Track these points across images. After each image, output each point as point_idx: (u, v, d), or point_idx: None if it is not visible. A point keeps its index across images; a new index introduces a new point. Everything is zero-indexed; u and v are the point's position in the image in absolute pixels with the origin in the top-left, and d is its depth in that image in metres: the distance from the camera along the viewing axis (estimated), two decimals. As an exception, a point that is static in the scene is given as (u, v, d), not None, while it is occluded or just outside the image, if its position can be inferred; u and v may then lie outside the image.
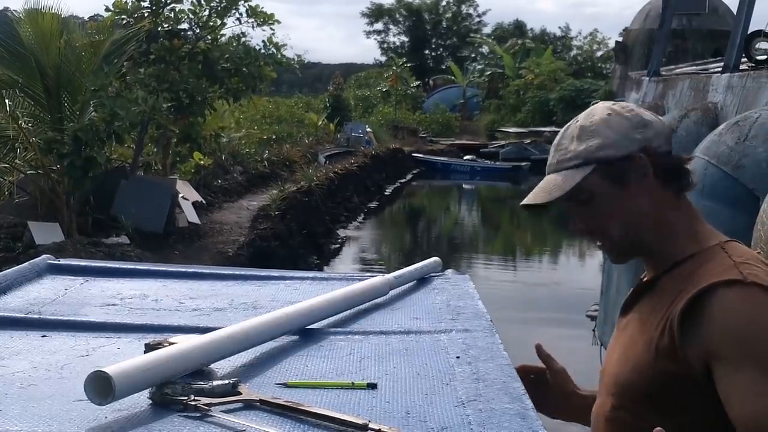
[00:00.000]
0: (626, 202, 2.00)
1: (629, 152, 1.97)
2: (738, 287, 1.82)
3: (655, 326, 1.94)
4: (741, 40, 11.37)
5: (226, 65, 16.99)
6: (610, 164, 1.98)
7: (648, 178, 1.98)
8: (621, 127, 1.99)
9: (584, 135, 2.01)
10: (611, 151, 1.97)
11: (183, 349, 1.77)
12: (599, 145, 1.98)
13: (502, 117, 53.50)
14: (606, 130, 1.99)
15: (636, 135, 1.98)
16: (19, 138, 13.45)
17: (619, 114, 2.01)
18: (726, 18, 28.97)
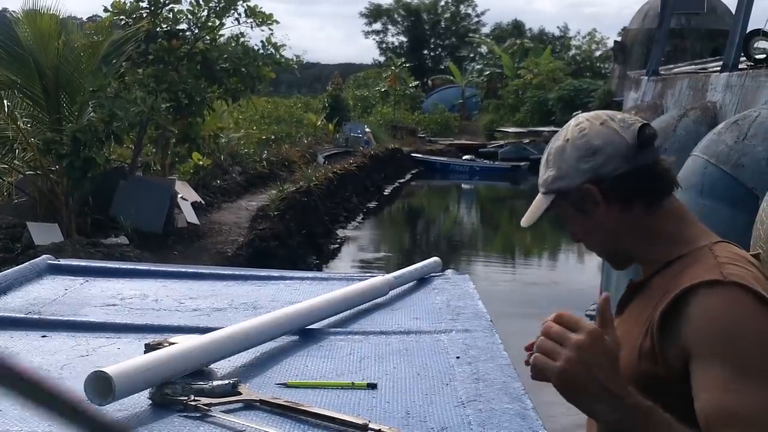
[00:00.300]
0: (593, 225, 2.03)
1: (577, 184, 1.99)
2: (718, 287, 1.82)
3: (640, 327, 1.94)
4: (740, 39, 11.38)
5: (225, 65, 16.98)
6: (566, 194, 2.02)
7: (602, 207, 1.99)
8: (570, 158, 2.01)
9: (548, 163, 2.07)
10: (562, 183, 2.02)
11: (183, 350, 1.77)
12: (554, 177, 2.04)
13: (500, 117, 53.48)
14: (559, 161, 2.03)
15: (583, 165, 1.99)
16: (18, 139, 13.44)
17: (573, 142, 2.02)
18: (724, 17, 29.00)
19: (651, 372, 1.88)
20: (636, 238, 2.02)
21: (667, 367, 1.85)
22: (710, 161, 7.17)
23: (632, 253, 2.06)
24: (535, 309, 13.99)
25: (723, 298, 1.81)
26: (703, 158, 7.27)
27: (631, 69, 26.46)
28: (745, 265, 1.89)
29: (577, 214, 2.03)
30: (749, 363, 1.76)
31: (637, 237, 2.02)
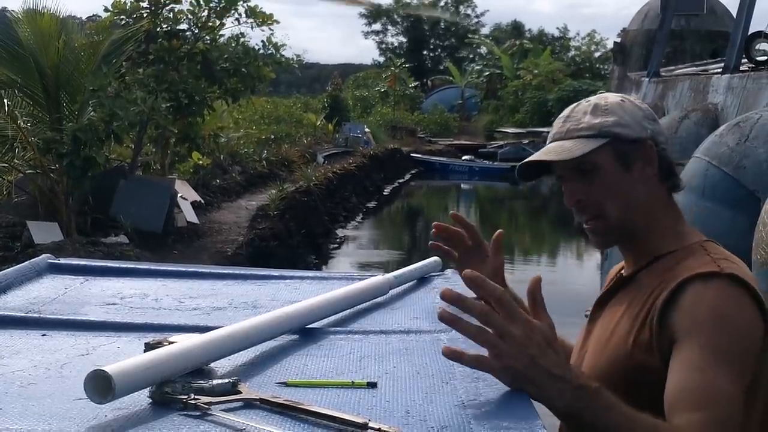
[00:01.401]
0: (627, 185, 2.02)
1: (641, 137, 2.01)
2: (715, 279, 1.85)
3: (633, 319, 1.96)
4: (741, 41, 11.40)
5: (225, 65, 16.99)
6: (622, 143, 2.00)
7: (651, 168, 2.02)
8: (635, 113, 2.03)
9: (599, 111, 2.04)
10: (626, 131, 2.00)
11: (183, 348, 1.77)
12: (615, 122, 2.01)
13: (500, 117, 53.57)
14: (621, 112, 2.02)
15: (647, 124, 2.02)
16: (18, 138, 13.45)
17: (632, 102, 2.06)
18: (724, 19, 29.02)
19: (645, 363, 1.90)
20: (648, 218, 2.05)
21: (662, 357, 1.87)
22: (712, 163, 7.18)
23: (638, 232, 2.06)
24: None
25: (717, 288, 1.84)
26: (704, 160, 7.28)
27: (630, 70, 26.49)
28: (738, 262, 1.94)
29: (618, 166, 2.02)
30: (724, 350, 1.77)
31: (649, 216, 2.05)
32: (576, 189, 2.07)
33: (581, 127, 2.03)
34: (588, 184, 2.04)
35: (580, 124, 2.03)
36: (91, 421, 1.55)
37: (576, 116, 2.06)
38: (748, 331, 1.82)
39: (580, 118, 2.04)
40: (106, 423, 1.55)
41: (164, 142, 17.64)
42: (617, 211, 2.03)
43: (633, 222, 2.05)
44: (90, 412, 1.58)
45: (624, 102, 2.05)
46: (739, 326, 1.81)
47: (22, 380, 1.79)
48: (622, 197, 2.03)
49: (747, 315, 1.83)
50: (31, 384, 1.77)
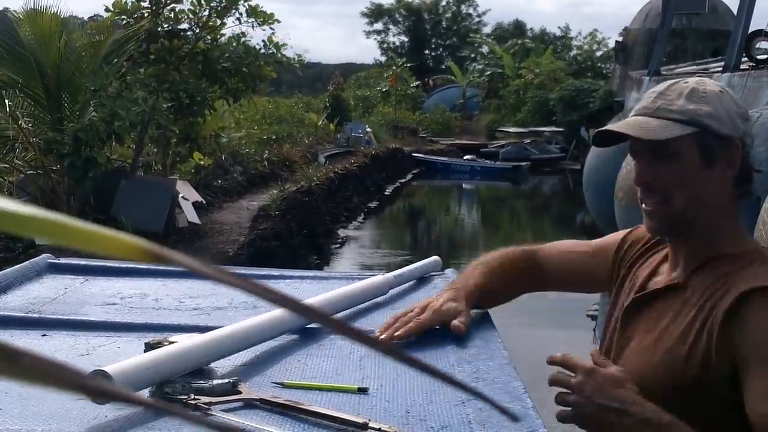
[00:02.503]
0: (703, 180, 1.93)
1: (731, 134, 1.92)
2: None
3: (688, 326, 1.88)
4: (741, 40, 11.39)
5: (226, 65, 16.98)
6: (711, 136, 1.91)
7: (732, 169, 1.93)
8: (730, 108, 1.94)
9: (695, 97, 1.93)
10: (717, 124, 1.91)
11: (183, 348, 1.77)
12: (709, 112, 1.91)
13: (502, 117, 53.54)
14: (718, 104, 1.93)
15: (739, 122, 1.93)
16: (19, 138, 13.46)
17: (730, 96, 1.97)
18: (725, 17, 29.01)
19: (698, 378, 1.83)
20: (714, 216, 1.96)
21: (719, 373, 1.80)
22: (711, 161, 7.17)
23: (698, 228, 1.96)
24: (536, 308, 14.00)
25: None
26: (704, 158, 7.27)
27: (632, 69, 26.48)
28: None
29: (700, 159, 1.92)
30: None
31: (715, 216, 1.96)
32: (648, 170, 1.97)
33: (673, 108, 1.93)
34: (663, 168, 1.95)
35: (672, 105, 1.94)
36: (91, 422, 1.55)
37: (670, 95, 1.95)
38: None
39: (674, 99, 1.94)
40: (106, 423, 1.55)
41: (165, 142, 17.64)
42: (683, 204, 1.94)
43: (696, 218, 1.95)
44: (90, 413, 1.58)
45: (723, 94, 1.94)
46: None
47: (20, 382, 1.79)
48: (694, 191, 1.94)
49: None
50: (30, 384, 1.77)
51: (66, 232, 0.50)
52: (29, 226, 0.51)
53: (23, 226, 0.51)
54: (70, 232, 0.50)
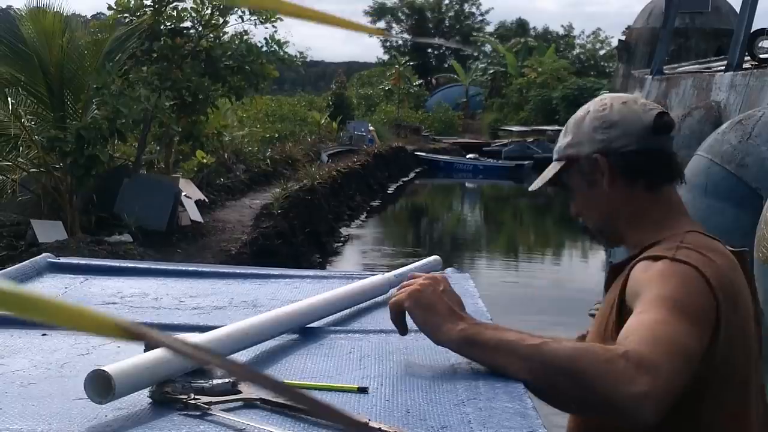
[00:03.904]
0: (596, 196, 2.13)
1: (588, 152, 2.10)
2: (662, 259, 1.89)
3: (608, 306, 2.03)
4: (744, 39, 11.38)
5: (229, 63, 16.99)
6: (577, 162, 2.13)
7: (607, 178, 2.09)
8: (587, 128, 2.12)
9: (566, 131, 2.18)
10: (575, 150, 2.13)
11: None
12: (569, 143, 2.16)
13: (504, 115, 53.55)
14: (576, 129, 2.15)
15: (598, 136, 2.09)
16: (22, 136, 13.45)
17: (592, 113, 2.13)
18: (729, 16, 28.94)
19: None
20: (629, 217, 2.11)
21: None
22: (714, 161, 7.16)
23: (622, 233, 2.15)
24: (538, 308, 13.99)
25: (662, 263, 1.89)
26: (707, 158, 7.26)
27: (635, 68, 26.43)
28: (707, 253, 1.93)
29: (583, 183, 2.14)
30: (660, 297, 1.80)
31: (630, 217, 2.11)
32: (572, 204, 2.24)
33: (555, 149, 2.22)
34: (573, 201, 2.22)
35: (557, 145, 2.22)
36: (92, 421, 1.55)
37: (561, 134, 2.22)
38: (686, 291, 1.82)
39: (560, 138, 2.21)
40: (106, 423, 1.55)
41: (168, 140, 17.65)
42: (593, 221, 2.20)
43: (611, 227, 2.17)
44: (90, 412, 1.58)
45: (586, 115, 2.15)
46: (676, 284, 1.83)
47: (22, 380, 1.79)
48: (594, 209, 2.17)
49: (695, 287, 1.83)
50: (31, 384, 1.77)
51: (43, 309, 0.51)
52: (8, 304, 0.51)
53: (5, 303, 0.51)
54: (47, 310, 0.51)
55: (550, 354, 1.72)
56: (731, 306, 1.87)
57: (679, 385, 1.71)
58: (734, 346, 1.90)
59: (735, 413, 1.96)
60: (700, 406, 1.90)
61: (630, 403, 1.63)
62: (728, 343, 1.87)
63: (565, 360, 1.70)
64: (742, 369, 1.95)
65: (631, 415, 1.64)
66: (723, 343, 1.85)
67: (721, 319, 1.84)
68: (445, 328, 1.84)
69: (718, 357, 1.85)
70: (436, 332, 1.86)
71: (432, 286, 1.90)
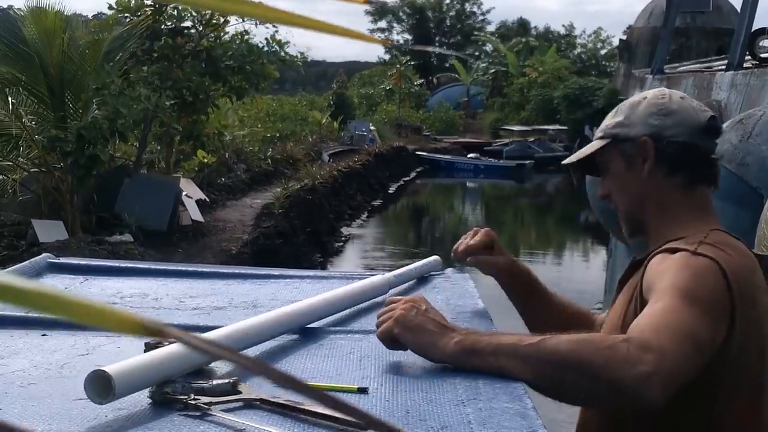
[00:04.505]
0: (631, 181, 2.12)
1: (637, 135, 2.09)
2: (681, 252, 1.90)
3: (626, 299, 2.03)
4: (745, 38, 11.38)
5: (230, 63, 16.99)
6: (622, 142, 2.12)
7: (649, 163, 2.09)
8: (643, 111, 2.11)
9: (617, 112, 2.18)
10: (624, 130, 2.12)
11: (183, 348, 1.77)
12: (618, 122, 2.14)
13: (505, 115, 53.51)
14: (630, 111, 2.14)
15: (652, 121, 2.09)
16: (23, 136, 13.45)
17: (650, 100, 2.13)
18: (730, 16, 28.96)
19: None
20: (660, 208, 2.11)
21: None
22: (715, 160, 7.15)
23: (648, 222, 2.14)
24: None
25: (680, 256, 1.89)
26: (707, 157, 7.25)
27: (636, 67, 26.45)
28: (729, 250, 1.93)
29: (622, 164, 2.14)
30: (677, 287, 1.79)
31: (660, 207, 2.11)
32: (601, 185, 2.23)
33: (601, 127, 2.20)
34: (606, 181, 2.21)
35: (603, 124, 2.20)
36: (92, 422, 1.55)
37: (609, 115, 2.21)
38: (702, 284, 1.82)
39: (607, 118, 2.20)
40: (106, 423, 1.55)
41: (169, 140, 17.66)
42: (624, 205, 2.17)
43: (639, 215, 2.15)
44: (90, 413, 1.58)
45: (642, 100, 2.14)
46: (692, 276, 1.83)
47: (22, 380, 1.79)
48: (627, 193, 2.15)
49: (711, 279, 1.83)
50: (31, 384, 1.77)
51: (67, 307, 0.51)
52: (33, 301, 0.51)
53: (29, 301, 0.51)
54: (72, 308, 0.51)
55: (551, 350, 1.72)
56: (749, 303, 1.86)
57: (688, 369, 1.71)
58: (749, 344, 1.88)
59: (747, 413, 1.95)
60: (713, 405, 1.90)
61: (635, 383, 1.63)
62: (743, 340, 1.86)
63: (566, 353, 1.70)
64: (755, 369, 1.94)
65: (637, 396, 1.64)
66: (738, 340, 1.84)
67: (737, 314, 1.83)
68: (441, 344, 1.84)
69: (731, 353, 1.84)
70: (432, 351, 1.85)
71: (414, 308, 1.90)
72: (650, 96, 2.14)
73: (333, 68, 73.53)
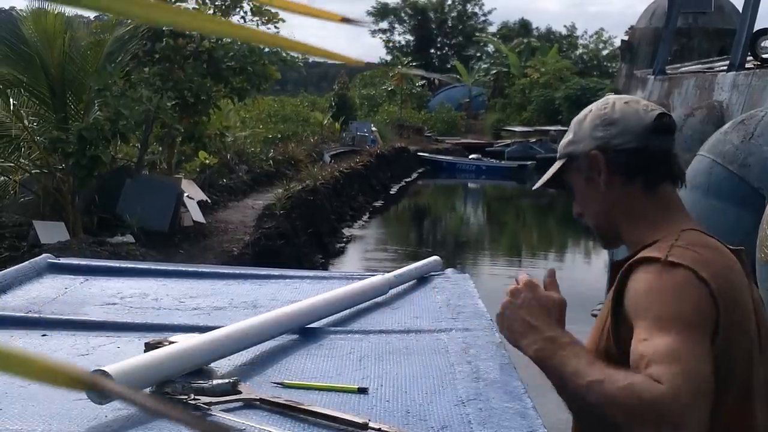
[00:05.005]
0: (593, 196, 2.13)
1: (586, 150, 2.10)
2: (653, 264, 1.89)
3: (606, 308, 2.02)
4: (746, 39, 11.36)
5: (231, 64, 16.98)
6: (576, 159, 2.14)
7: (604, 176, 2.09)
8: (587, 126, 2.14)
9: (569, 130, 2.20)
10: (574, 147, 2.14)
11: (183, 348, 1.77)
12: (569, 140, 2.17)
13: (507, 116, 53.49)
14: (577, 127, 2.17)
15: (597, 133, 2.10)
16: (24, 137, 13.44)
17: (594, 112, 2.15)
18: (732, 16, 28.89)
19: (608, 349, 1.94)
20: (627, 215, 2.11)
21: (618, 344, 1.91)
22: (716, 161, 7.15)
23: (620, 231, 2.15)
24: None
25: (653, 271, 1.88)
26: (709, 158, 7.25)
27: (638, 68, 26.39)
28: (702, 251, 1.94)
29: (581, 181, 2.15)
30: (664, 316, 1.80)
31: (628, 215, 2.11)
32: (575, 203, 2.23)
33: (558, 147, 2.21)
34: (575, 200, 2.22)
35: (560, 143, 2.21)
36: (92, 422, 1.55)
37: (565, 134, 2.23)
38: (686, 300, 1.82)
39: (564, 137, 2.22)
40: (106, 423, 1.55)
41: (170, 141, 17.65)
42: (592, 220, 2.18)
43: (610, 226, 2.16)
44: (90, 413, 1.58)
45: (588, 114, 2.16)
46: (674, 295, 1.83)
47: (22, 380, 1.79)
48: (592, 207, 2.16)
49: (693, 292, 1.83)
50: (30, 384, 1.77)
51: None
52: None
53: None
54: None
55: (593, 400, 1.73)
56: (731, 306, 1.87)
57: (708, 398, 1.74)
58: (732, 347, 1.89)
59: (736, 415, 1.94)
60: None
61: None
62: (726, 344, 1.86)
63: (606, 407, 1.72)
64: (741, 371, 1.94)
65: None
66: (721, 344, 1.85)
67: (720, 320, 1.84)
68: (522, 345, 1.87)
69: (716, 358, 1.84)
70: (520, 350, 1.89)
71: (511, 304, 1.95)
72: (594, 108, 2.16)
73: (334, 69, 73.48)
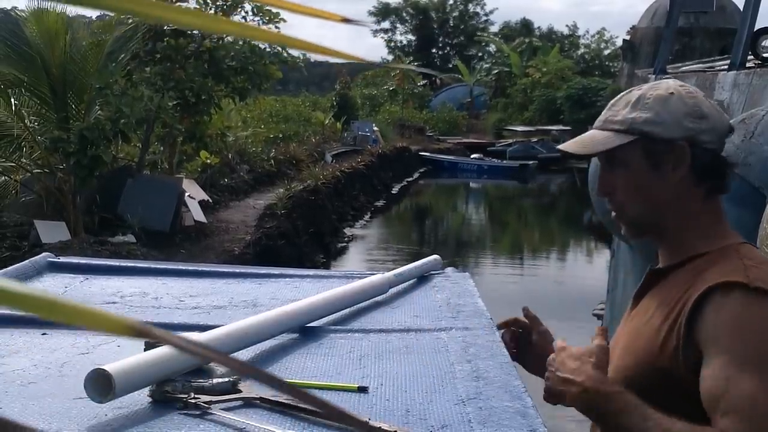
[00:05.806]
0: (654, 184, 1.97)
1: (674, 137, 1.93)
2: (739, 289, 1.79)
3: (662, 321, 1.91)
4: (747, 38, 11.34)
5: (232, 64, 16.97)
6: (652, 142, 1.94)
7: (682, 170, 1.94)
8: (676, 110, 1.94)
9: (639, 104, 1.97)
10: (657, 129, 1.94)
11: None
12: (648, 119, 1.94)
13: (509, 115, 53.49)
14: (660, 108, 1.95)
15: (688, 123, 1.94)
16: (25, 137, 13.46)
17: (680, 97, 1.96)
18: (733, 16, 28.89)
19: (670, 370, 1.86)
20: (682, 216, 1.99)
21: (686, 366, 1.83)
22: (717, 160, 7.14)
23: (665, 228, 2.01)
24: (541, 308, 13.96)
25: (737, 299, 1.79)
26: (709, 157, 7.24)
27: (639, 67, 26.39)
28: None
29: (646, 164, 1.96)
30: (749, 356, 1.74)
31: (683, 216, 1.99)
32: (605, 180, 2.04)
33: (616, 119, 1.99)
34: (617, 178, 2.00)
35: (616, 116, 1.99)
36: (92, 421, 1.55)
37: (617, 106, 2.01)
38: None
39: (620, 109, 1.99)
40: (106, 422, 1.55)
41: (171, 140, 17.65)
42: (637, 210, 2.00)
43: (656, 221, 2.01)
44: (90, 411, 1.58)
45: (671, 96, 1.96)
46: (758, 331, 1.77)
47: (23, 379, 1.79)
48: (645, 197, 1.98)
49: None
50: (31, 383, 1.77)
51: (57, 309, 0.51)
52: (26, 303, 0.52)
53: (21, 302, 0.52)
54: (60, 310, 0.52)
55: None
56: None
57: None
58: None
59: None
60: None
61: None
62: None
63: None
64: None
65: None
66: None
67: None
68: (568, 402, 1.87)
69: None
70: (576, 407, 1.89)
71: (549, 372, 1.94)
72: (676, 92, 1.97)
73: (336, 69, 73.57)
